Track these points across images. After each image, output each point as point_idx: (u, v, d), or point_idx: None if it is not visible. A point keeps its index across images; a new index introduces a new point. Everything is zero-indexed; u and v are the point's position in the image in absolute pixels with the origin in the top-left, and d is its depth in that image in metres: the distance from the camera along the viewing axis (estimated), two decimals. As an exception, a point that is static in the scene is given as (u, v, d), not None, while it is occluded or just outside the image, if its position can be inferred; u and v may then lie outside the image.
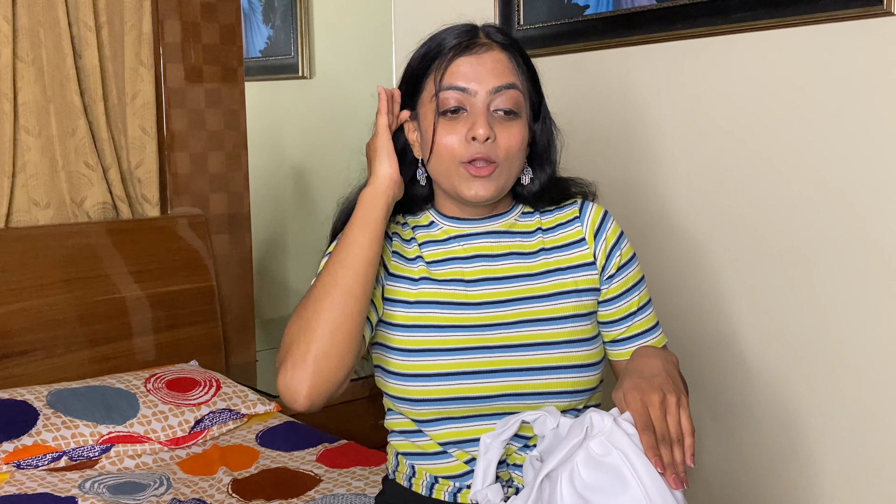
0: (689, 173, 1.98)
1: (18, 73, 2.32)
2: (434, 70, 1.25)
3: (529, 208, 1.35)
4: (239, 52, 2.75)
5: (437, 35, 1.28)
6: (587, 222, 1.32)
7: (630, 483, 1.01)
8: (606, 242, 1.31)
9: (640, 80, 2.04)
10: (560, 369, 1.24)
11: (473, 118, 1.22)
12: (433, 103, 1.25)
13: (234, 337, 2.78)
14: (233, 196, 2.76)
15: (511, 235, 1.32)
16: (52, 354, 2.31)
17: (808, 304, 1.81)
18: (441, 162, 1.25)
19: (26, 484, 1.82)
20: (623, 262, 1.32)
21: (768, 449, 1.91)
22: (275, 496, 1.77)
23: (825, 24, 1.71)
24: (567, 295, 1.28)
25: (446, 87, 1.23)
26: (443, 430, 1.26)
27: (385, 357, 1.28)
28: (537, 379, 1.23)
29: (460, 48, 1.24)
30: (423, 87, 1.27)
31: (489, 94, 1.23)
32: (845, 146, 1.72)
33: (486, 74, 1.23)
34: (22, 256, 2.27)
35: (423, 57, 1.28)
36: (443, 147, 1.24)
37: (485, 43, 1.25)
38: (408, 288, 1.28)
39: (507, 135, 1.23)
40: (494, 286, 1.28)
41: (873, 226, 1.70)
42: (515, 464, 1.25)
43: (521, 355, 1.24)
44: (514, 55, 1.26)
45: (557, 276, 1.29)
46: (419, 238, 1.32)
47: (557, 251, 1.31)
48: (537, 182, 1.32)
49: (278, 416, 2.24)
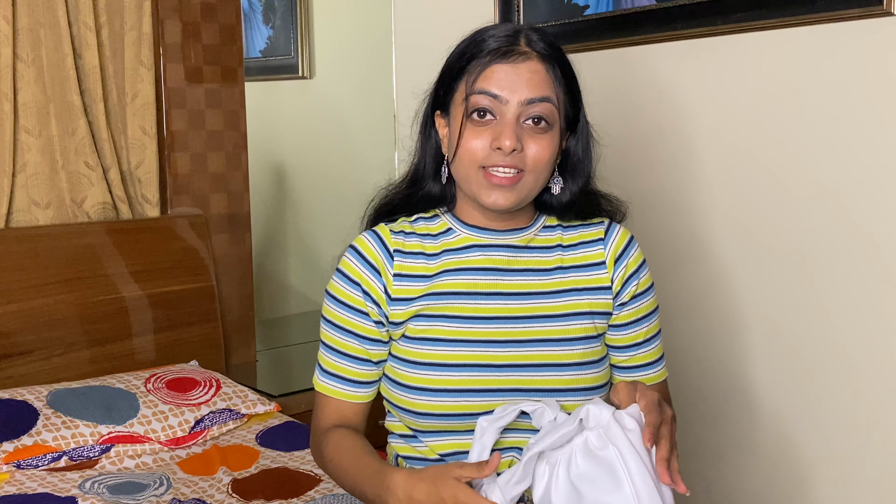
0: (689, 173, 1.98)
1: (18, 73, 2.32)
2: (469, 71, 1.22)
3: (552, 220, 1.31)
4: (239, 53, 2.75)
5: (479, 34, 1.24)
6: (611, 246, 1.29)
7: (622, 482, 1.01)
8: (626, 269, 1.29)
9: (640, 80, 2.04)
10: (569, 391, 1.22)
11: (501, 127, 1.19)
12: (464, 105, 1.21)
13: (234, 337, 2.78)
14: (233, 196, 2.76)
15: (529, 251, 1.29)
16: (52, 354, 2.31)
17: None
18: (462, 165, 1.22)
19: (26, 484, 1.82)
20: (639, 292, 1.30)
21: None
22: (275, 496, 1.77)
23: (825, 24, 1.71)
24: (581, 316, 1.26)
25: (478, 90, 1.20)
26: (443, 441, 1.26)
27: (390, 365, 1.28)
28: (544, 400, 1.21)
29: (498, 54, 1.20)
30: (457, 87, 1.24)
31: (521, 105, 1.19)
32: (845, 147, 1.72)
33: (521, 84, 1.19)
34: (22, 256, 2.27)
35: (460, 56, 1.24)
36: (465, 150, 1.21)
37: (524, 52, 1.21)
38: (416, 298, 1.26)
39: (536, 147, 1.20)
40: (507, 301, 1.25)
41: (870, 229, 1.70)
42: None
43: (530, 376, 1.22)
44: (553, 66, 1.22)
45: (573, 297, 1.27)
46: (430, 249, 1.28)
47: (575, 271, 1.28)
48: (567, 193, 1.29)
49: (278, 416, 2.24)
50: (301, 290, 3.85)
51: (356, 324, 1.27)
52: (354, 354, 1.28)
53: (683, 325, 2.00)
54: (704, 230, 1.97)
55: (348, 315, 1.28)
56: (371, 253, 1.27)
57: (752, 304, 1.90)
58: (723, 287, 1.95)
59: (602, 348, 1.28)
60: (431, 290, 1.25)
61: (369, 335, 1.27)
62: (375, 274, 1.27)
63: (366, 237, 1.29)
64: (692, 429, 2.01)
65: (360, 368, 1.29)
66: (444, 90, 1.26)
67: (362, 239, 1.29)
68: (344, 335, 1.28)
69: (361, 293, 1.27)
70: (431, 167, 1.30)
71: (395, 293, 1.26)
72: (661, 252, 2.01)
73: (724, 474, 1.99)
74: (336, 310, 1.29)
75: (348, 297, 1.27)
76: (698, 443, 2.01)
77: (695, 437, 2.01)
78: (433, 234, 1.29)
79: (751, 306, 1.90)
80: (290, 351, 3.30)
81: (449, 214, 1.31)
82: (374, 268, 1.27)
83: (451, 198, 1.31)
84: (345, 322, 1.28)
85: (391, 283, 1.26)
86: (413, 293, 1.26)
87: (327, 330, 1.30)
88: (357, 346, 1.28)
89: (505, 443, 1.23)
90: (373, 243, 1.28)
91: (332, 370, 1.30)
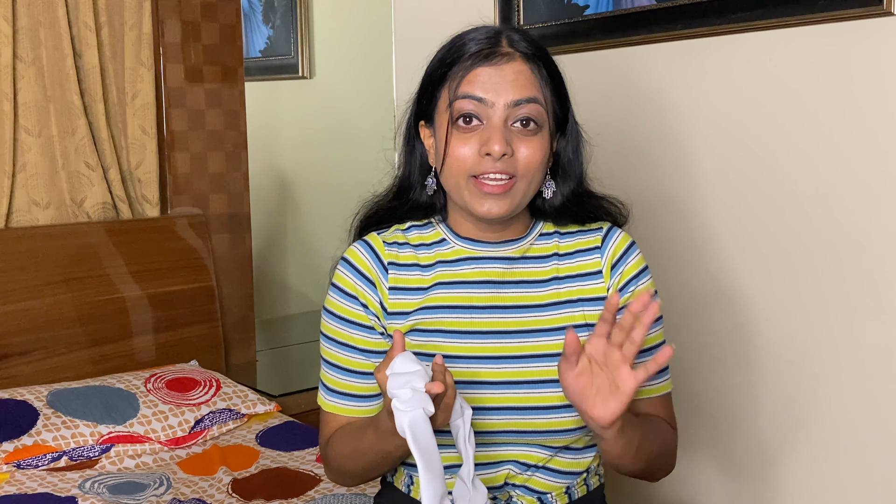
0: (688, 174, 1.98)
1: (18, 73, 2.32)
2: (451, 77, 1.17)
3: (549, 227, 1.27)
4: (239, 52, 2.75)
5: (459, 38, 1.20)
6: (607, 254, 1.25)
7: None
8: (622, 277, 1.24)
9: (639, 80, 2.04)
10: (564, 408, 1.18)
11: (489, 132, 1.15)
12: (448, 112, 1.17)
13: (234, 337, 2.78)
14: (233, 196, 2.76)
15: (524, 262, 1.24)
16: (52, 354, 2.31)
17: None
18: (451, 175, 1.18)
19: (26, 484, 1.82)
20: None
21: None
22: (275, 496, 1.77)
23: (825, 24, 1.71)
24: (577, 329, 1.19)
25: (462, 95, 1.15)
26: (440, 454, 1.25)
27: None
28: (540, 418, 1.19)
29: (480, 56, 1.16)
30: (440, 95, 1.19)
31: (507, 108, 1.15)
32: (846, 147, 1.72)
33: (507, 86, 1.15)
34: (22, 256, 2.27)
35: (441, 61, 1.19)
36: (454, 159, 1.16)
37: (507, 52, 1.16)
38: (411, 312, 1.23)
39: (527, 150, 1.16)
40: (502, 315, 1.22)
41: (871, 228, 1.70)
42: (514, 484, 1.24)
43: (526, 392, 1.19)
44: (538, 66, 1.18)
45: (567, 309, 1.23)
46: (425, 260, 1.25)
47: (571, 281, 1.24)
48: (559, 196, 1.24)
49: (278, 416, 2.24)
50: (301, 290, 3.86)
51: (357, 338, 1.25)
52: (356, 369, 1.25)
53: (684, 326, 2.00)
54: (704, 230, 1.97)
55: (348, 330, 1.25)
56: (364, 265, 1.24)
57: (753, 304, 1.90)
58: (723, 287, 1.95)
59: None
60: (426, 303, 1.23)
61: (372, 347, 1.25)
62: (371, 286, 1.24)
63: (358, 249, 1.26)
64: (696, 434, 2.01)
65: (364, 382, 1.26)
66: (426, 99, 1.22)
67: (354, 251, 1.26)
68: (345, 350, 1.25)
69: (360, 307, 1.24)
70: (418, 179, 1.26)
71: (392, 307, 1.24)
72: (660, 253, 2.01)
73: (730, 479, 1.99)
74: (335, 325, 1.26)
75: (347, 311, 1.25)
76: (703, 447, 2.01)
77: (699, 442, 2.01)
78: (427, 244, 1.26)
79: (752, 306, 1.90)
80: (290, 351, 3.30)
81: (443, 224, 1.27)
82: (369, 280, 1.24)
83: (440, 207, 1.27)
84: (345, 337, 1.25)
85: (387, 297, 1.24)
86: (409, 307, 1.23)
87: (328, 347, 1.27)
88: (363, 360, 1.25)
89: (501, 455, 1.23)
90: (366, 255, 1.25)
91: (335, 387, 1.27)
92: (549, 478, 1.25)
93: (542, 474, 1.24)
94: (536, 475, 1.24)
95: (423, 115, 1.24)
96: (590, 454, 1.28)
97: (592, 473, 1.30)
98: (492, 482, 1.23)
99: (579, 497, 1.27)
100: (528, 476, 1.24)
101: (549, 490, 1.25)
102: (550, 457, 1.24)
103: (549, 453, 1.23)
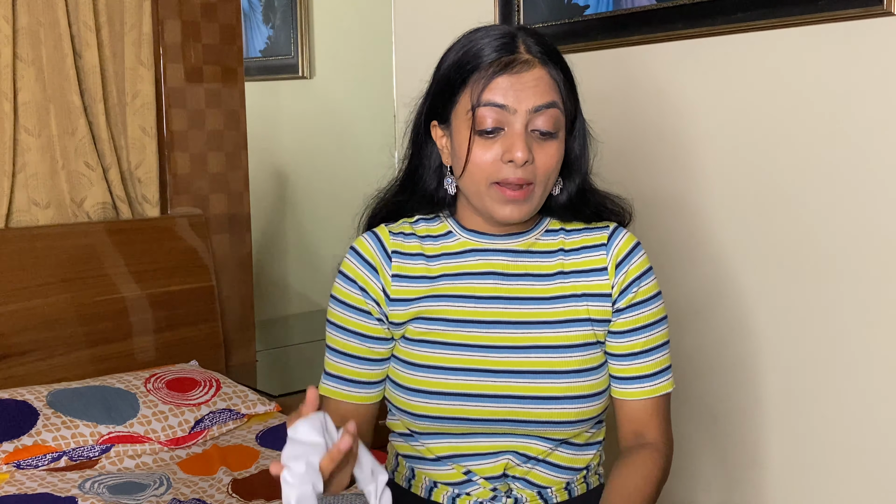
0: (689, 174, 1.98)
1: (18, 73, 2.32)
2: (472, 85, 1.19)
3: (555, 224, 1.30)
4: (239, 52, 2.75)
5: (473, 41, 1.21)
6: (613, 252, 1.26)
7: None
8: (626, 276, 1.25)
9: (639, 80, 2.04)
10: (565, 399, 1.21)
11: (511, 139, 1.17)
12: (469, 118, 1.19)
13: (234, 337, 2.78)
14: (233, 196, 2.76)
15: (529, 255, 1.27)
16: (52, 354, 2.31)
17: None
18: (472, 181, 1.20)
19: (26, 484, 1.82)
20: (638, 300, 1.26)
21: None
22: (275, 496, 1.77)
23: (825, 24, 1.71)
24: (580, 323, 1.24)
25: (484, 102, 1.17)
26: (440, 443, 1.26)
27: (391, 366, 1.28)
28: (541, 408, 1.21)
29: (500, 65, 1.18)
30: (458, 100, 1.21)
31: (529, 114, 1.17)
32: (846, 146, 1.72)
33: (528, 93, 1.17)
34: (22, 256, 2.27)
35: (458, 67, 1.21)
36: (475, 166, 1.19)
37: (526, 59, 1.18)
38: (415, 300, 1.26)
39: (545, 155, 1.19)
40: (506, 306, 1.24)
41: (872, 227, 1.70)
42: (514, 475, 1.25)
43: (527, 382, 1.21)
44: (555, 69, 1.20)
45: (572, 303, 1.25)
46: (430, 251, 1.28)
47: (575, 276, 1.26)
48: (565, 192, 1.27)
49: (278, 416, 2.24)
50: (301, 290, 3.85)
51: (357, 322, 1.28)
52: (355, 354, 1.28)
53: (684, 326, 2.00)
54: (704, 230, 1.97)
55: (349, 314, 1.28)
56: (369, 252, 1.28)
57: (755, 304, 1.90)
58: (724, 288, 1.95)
59: (601, 355, 1.26)
60: (431, 292, 1.26)
61: (370, 333, 1.28)
62: (373, 273, 1.27)
63: (365, 238, 1.30)
64: (696, 434, 2.01)
65: (362, 367, 1.28)
66: (441, 101, 1.24)
67: (361, 240, 1.30)
68: (345, 335, 1.29)
69: (359, 290, 1.27)
70: (432, 176, 1.28)
71: (394, 294, 1.26)
72: (660, 253, 2.01)
73: (730, 479, 1.99)
74: (338, 310, 1.29)
75: (348, 296, 1.28)
76: (703, 447, 2.01)
77: (699, 442, 2.01)
78: (434, 236, 1.29)
79: (754, 307, 1.90)
80: (290, 351, 3.30)
81: (451, 219, 1.30)
82: (371, 267, 1.27)
83: (449, 201, 1.29)
84: (346, 322, 1.28)
85: (389, 284, 1.27)
86: (413, 294, 1.26)
87: (331, 332, 1.30)
88: (358, 344, 1.28)
89: (501, 446, 1.24)
90: (371, 244, 1.29)
91: (333, 371, 1.30)
92: (548, 472, 1.26)
93: (542, 468, 1.25)
94: (536, 468, 1.25)
95: (435, 115, 1.26)
96: (590, 451, 1.29)
97: (593, 472, 1.31)
98: (491, 472, 1.25)
99: (579, 494, 1.28)
100: (528, 468, 1.25)
101: (550, 485, 1.26)
102: (550, 450, 1.25)
103: (549, 446, 1.25)
